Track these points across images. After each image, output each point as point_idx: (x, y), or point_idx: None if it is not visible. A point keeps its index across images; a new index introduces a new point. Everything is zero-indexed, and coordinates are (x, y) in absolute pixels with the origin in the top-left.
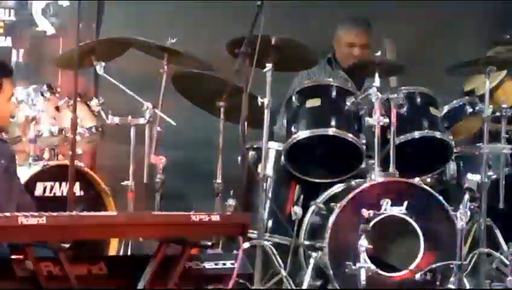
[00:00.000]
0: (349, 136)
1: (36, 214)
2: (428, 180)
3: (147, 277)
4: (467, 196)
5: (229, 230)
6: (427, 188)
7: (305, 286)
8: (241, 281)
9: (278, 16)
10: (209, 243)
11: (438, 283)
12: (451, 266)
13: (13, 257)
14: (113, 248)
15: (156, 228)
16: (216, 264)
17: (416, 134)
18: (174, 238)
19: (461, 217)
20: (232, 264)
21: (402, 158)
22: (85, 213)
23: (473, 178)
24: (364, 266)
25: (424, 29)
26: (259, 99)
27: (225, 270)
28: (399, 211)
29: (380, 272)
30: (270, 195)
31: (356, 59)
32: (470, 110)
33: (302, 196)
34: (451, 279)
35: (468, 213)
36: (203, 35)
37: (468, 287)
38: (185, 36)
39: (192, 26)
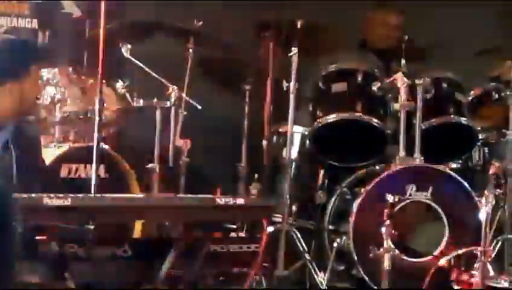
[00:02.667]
0: (375, 121)
1: (61, 195)
2: (454, 166)
3: (172, 260)
4: (491, 182)
5: (253, 214)
6: (452, 173)
7: (328, 270)
8: (265, 264)
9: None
10: (234, 226)
11: (462, 268)
12: (476, 252)
13: (38, 237)
14: (138, 230)
15: (180, 210)
16: (240, 247)
17: (442, 119)
18: (198, 221)
19: (486, 203)
20: (257, 247)
21: (427, 144)
22: (110, 195)
23: (498, 164)
24: (388, 251)
25: (451, 13)
26: (285, 84)
27: (249, 254)
28: (424, 196)
29: (404, 257)
30: (294, 179)
31: (390, 40)
32: (495, 96)
33: (326, 180)
34: (475, 265)
35: (493, 199)
36: (228, 18)
37: (492, 273)
38: (210, 19)
39: (219, 8)
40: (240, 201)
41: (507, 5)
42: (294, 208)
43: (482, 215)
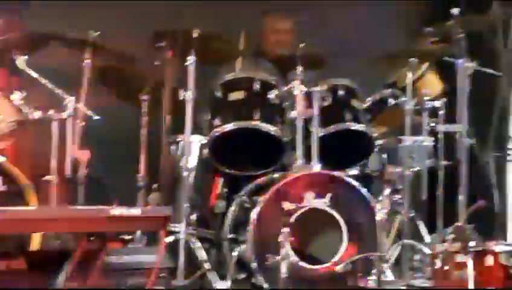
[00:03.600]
0: (272, 129)
1: None
2: (352, 172)
3: (67, 272)
4: (387, 188)
5: (150, 224)
6: (350, 180)
7: (228, 279)
8: (163, 275)
9: (202, 9)
10: (130, 237)
11: (360, 274)
12: (372, 258)
13: None
14: (36, 242)
15: (76, 222)
16: (137, 258)
17: (339, 127)
18: (94, 232)
19: (381, 209)
20: (154, 258)
21: (325, 151)
22: (5, 207)
23: (393, 170)
24: (285, 258)
25: (347, 21)
26: (182, 93)
27: (146, 264)
28: (322, 203)
29: (302, 264)
30: (193, 188)
31: (282, 46)
32: (392, 102)
33: (225, 189)
34: (373, 271)
35: (388, 205)
36: (125, 29)
37: (391, 278)
38: (107, 29)
39: (115, 19)
40: (136, 211)
41: (403, 14)
42: (193, 217)
43: (377, 220)
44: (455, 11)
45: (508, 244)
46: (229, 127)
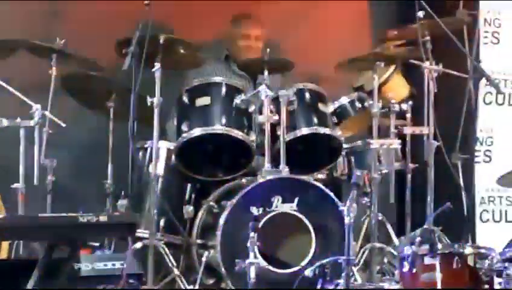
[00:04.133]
0: (239, 134)
1: None
2: (320, 176)
3: (35, 280)
4: (353, 191)
5: (117, 230)
6: (318, 184)
7: (197, 285)
8: (131, 281)
9: (167, 15)
10: (97, 244)
11: (328, 278)
12: (340, 261)
13: None
14: (4, 251)
15: (42, 230)
16: (105, 265)
17: (306, 130)
18: (62, 239)
19: (348, 212)
20: (122, 264)
21: (293, 155)
22: None
23: (359, 173)
24: (253, 263)
25: (313, 26)
26: (149, 99)
27: (115, 271)
28: (290, 207)
29: (271, 268)
30: (161, 194)
31: (252, 51)
32: (359, 105)
33: (193, 195)
34: (342, 274)
35: (355, 208)
36: (91, 36)
37: (359, 281)
38: (72, 36)
39: (80, 26)
40: (103, 218)
41: (369, 17)
42: (161, 223)
43: (345, 224)
44: (420, 14)
45: (476, 246)
46: (196, 132)
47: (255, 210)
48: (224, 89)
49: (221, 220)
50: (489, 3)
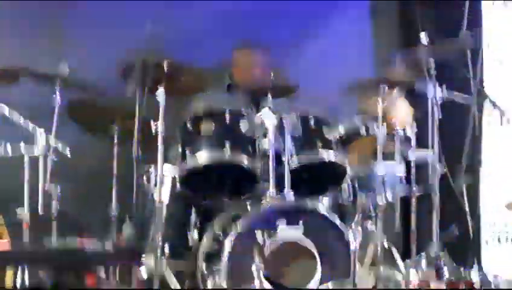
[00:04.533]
0: (244, 160)
1: None
2: (324, 201)
3: None
4: (358, 217)
5: (123, 257)
6: (322, 209)
7: None
8: None
9: (172, 41)
10: (104, 272)
11: None
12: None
13: None
14: (9, 279)
15: (48, 257)
16: None
17: (310, 156)
18: (67, 267)
19: (353, 238)
20: None
21: (297, 180)
22: None
23: (365, 198)
24: (258, 287)
25: (318, 50)
26: (153, 124)
27: None
28: (295, 233)
29: None
30: (166, 220)
31: (257, 78)
32: (363, 130)
33: (198, 221)
34: None
35: (360, 233)
36: (95, 61)
37: None
38: (76, 62)
39: (84, 52)
40: (109, 245)
41: (373, 42)
42: (166, 249)
43: (351, 249)
44: (424, 38)
45: (482, 270)
46: (201, 159)
47: (259, 235)
48: (228, 116)
49: (226, 246)
50: (493, 25)
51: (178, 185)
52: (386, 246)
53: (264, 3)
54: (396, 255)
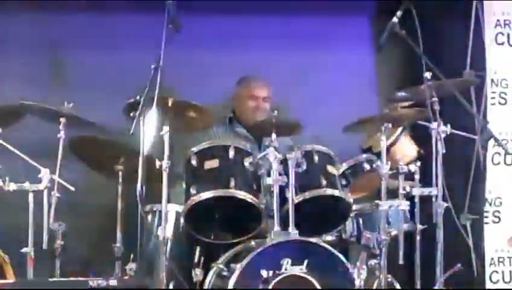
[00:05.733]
0: (248, 197)
1: None
2: (328, 238)
3: None
4: (363, 253)
5: None
6: (327, 246)
7: None
8: None
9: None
10: None
11: None
12: None
13: None
14: None
15: None
16: None
17: (315, 192)
18: None
19: (358, 275)
20: None
21: (301, 217)
22: None
23: (369, 235)
24: None
25: (320, 87)
26: (157, 162)
27: None
28: (299, 270)
29: None
30: (170, 257)
31: (260, 112)
32: (367, 167)
33: (202, 257)
34: None
35: (365, 270)
36: (99, 99)
37: None
38: (81, 100)
39: (89, 88)
40: (113, 282)
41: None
42: (171, 286)
43: (356, 286)
44: (428, 75)
45: None
46: (205, 195)
47: (264, 273)
48: (232, 152)
49: (231, 283)
50: (497, 63)
51: (182, 221)
52: (389, 282)
53: (265, 39)
54: None
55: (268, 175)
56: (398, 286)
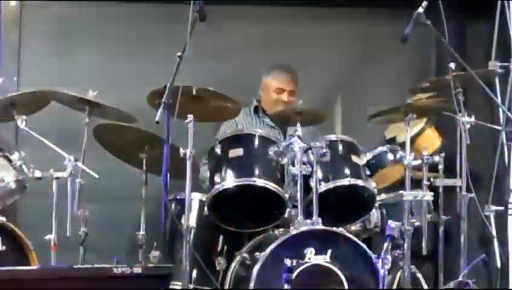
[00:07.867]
0: (272, 186)
1: None
2: (353, 228)
3: None
4: (387, 244)
5: (151, 282)
6: (351, 236)
7: None
8: None
9: (200, 66)
10: None
11: None
12: None
13: None
14: None
15: (77, 281)
16: None
17: (339, 182)
18: None
19: (382, 265)
20: None
21: (325, 207)
22: (5, 268)
23: (393, 225)
24: None
25: (344, 76)
26: (181, 151)
27: None
28: (323, 259)
29: None
30: (193, 246)
31: (285, 105)
32: (391, 157)
33: (226, 246)
34: None
35: (390, 260)
36: (124, 87)
37: None
38: (106, 87)
39: (114, 77)
40: (137, 270)
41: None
42: (194, 274)
43: (379, 276)
44: (452, 65)
45: None
46: (229, 184)
47: (288, 262)
48: (257, 141)
49: (254, 272)
50: None
51: (206, 210)
52: (413, 273)
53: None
54: (424, 283)
55: (293, 164)
56: (421, 276)
